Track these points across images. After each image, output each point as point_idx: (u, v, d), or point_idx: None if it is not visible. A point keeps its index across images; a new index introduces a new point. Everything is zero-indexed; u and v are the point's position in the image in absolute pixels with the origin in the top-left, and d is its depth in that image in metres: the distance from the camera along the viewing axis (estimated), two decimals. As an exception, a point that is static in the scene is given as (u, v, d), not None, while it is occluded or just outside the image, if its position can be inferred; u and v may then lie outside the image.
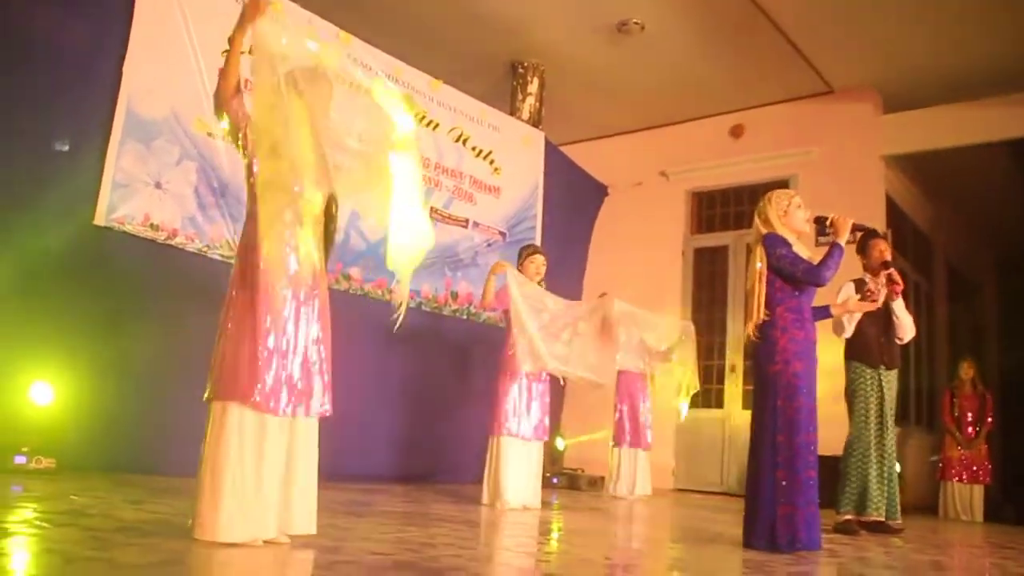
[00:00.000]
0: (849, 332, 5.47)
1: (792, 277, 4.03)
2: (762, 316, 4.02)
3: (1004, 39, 7.81)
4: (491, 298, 5.61)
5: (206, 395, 2.93)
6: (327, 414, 3.09)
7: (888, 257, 5.52)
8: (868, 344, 5.53)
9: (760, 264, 4.05)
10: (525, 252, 5.83)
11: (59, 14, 4.95)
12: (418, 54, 7.60)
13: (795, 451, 3.88)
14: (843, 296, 5.44)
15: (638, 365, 7.59)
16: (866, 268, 5.66)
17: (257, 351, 2.88)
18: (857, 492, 5.39)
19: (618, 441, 7.51)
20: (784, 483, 3.86)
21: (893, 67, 8.59)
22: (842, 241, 4.13)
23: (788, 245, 4.07)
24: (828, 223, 4.23)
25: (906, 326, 5.60)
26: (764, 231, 4.14)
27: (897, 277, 5.34)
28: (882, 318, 5.55)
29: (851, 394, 5.59)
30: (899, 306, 5.55)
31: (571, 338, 5.62)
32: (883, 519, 5.38)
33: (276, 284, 2.95)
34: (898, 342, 5.65)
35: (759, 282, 4.05)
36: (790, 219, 4.15)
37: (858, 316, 5.41)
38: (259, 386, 2.85)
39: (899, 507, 5.49)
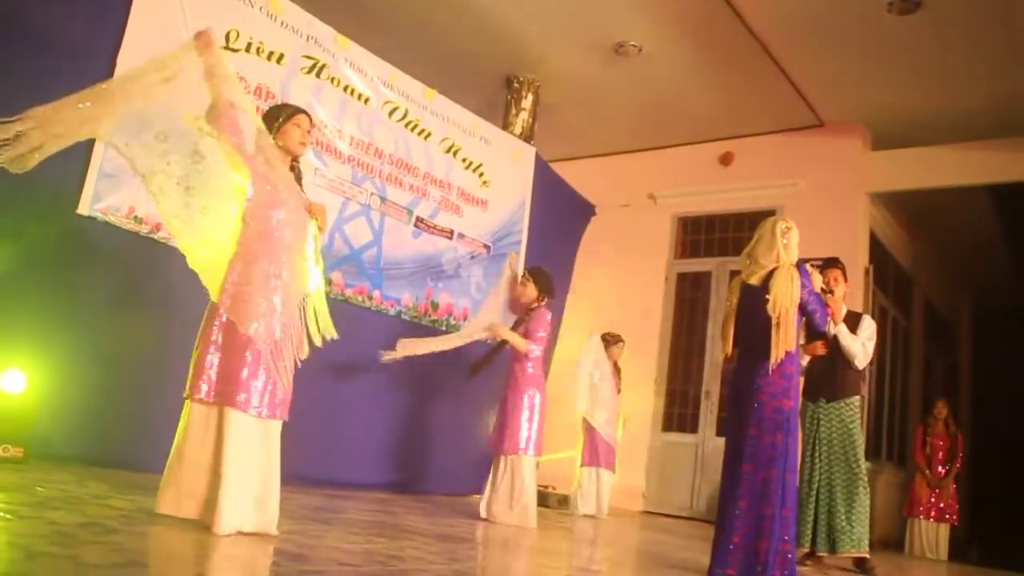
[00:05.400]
0: None
1: (810, 316, 4.04)
2: (793, 346, 3.92)
3: (991, 86, 7.92)
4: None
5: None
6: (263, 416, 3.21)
7: (828, 287, 5.49)
8: (807, 378, 5.51)
9: (797, 294, 3.93)
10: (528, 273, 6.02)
11: (55, 3, 4.92)
12: (415, 61, 7.61)
13: (793, 488, 3.91)
14: None
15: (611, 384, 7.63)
16: None
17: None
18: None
19: (583, 459, 7.55)
20: (788, 519, 3.84)
21: (883, 105, 8.68)
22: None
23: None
24: None
25: (854, 351, 5.57)
26: (791, 261, 4.06)
27: (827, 300, 5.35)
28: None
29: None
30: (841, 332, 5.54)
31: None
32: (808, 550, 5.40)
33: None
34: (854, 369, 5.63)
35: (795, 310, 3.94)
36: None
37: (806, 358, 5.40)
38: (205, 384, 3.19)
39: (848, 539, 5.37)
